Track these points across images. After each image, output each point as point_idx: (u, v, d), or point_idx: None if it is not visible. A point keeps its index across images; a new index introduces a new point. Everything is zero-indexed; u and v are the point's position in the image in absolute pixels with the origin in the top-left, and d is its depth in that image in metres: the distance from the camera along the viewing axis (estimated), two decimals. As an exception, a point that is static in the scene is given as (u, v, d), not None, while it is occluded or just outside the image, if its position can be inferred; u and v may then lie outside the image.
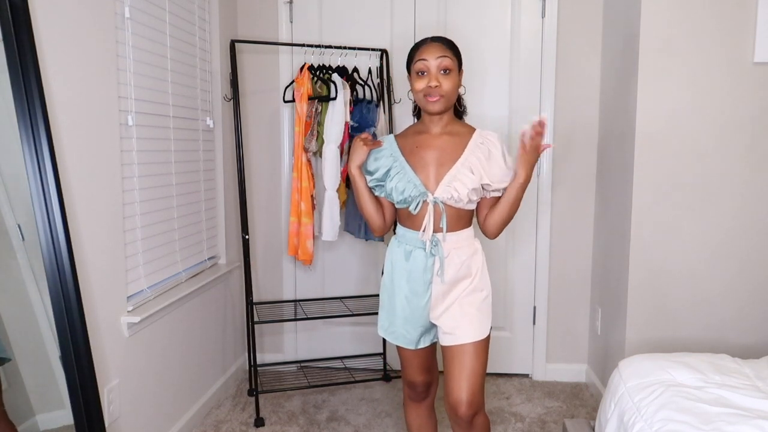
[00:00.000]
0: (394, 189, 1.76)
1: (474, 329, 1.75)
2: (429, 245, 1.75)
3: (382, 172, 1.80)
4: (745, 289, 2.44)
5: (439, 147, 1.77)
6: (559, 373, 3.11)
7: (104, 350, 1.91)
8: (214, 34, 2.79)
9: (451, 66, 1.71)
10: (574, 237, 3.03)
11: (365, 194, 1.85)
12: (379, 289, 1.93)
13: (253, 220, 3.14)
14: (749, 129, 2.37)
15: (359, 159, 1.81)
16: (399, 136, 1.86)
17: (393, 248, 1.87)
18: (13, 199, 1.65)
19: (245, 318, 3.15)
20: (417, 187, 1.74)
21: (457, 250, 1.78)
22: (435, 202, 1.74)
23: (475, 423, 1.77)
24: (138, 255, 2.13)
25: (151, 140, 2.22)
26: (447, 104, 1.74)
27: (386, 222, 1.91)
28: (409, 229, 1.81)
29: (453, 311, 1.77)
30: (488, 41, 2.97)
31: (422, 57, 1.72)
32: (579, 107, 2.96)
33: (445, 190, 1.72)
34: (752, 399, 1.59)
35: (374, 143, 1.83)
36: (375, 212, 1.87)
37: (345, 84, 2.77)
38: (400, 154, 1.80)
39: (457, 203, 1.74)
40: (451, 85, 1.71)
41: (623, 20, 2.58)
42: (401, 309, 1.83)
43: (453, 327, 1.76)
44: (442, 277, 1.76)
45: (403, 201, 1.77)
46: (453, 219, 1.77)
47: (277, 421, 2.65)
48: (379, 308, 1.92)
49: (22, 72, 1.52)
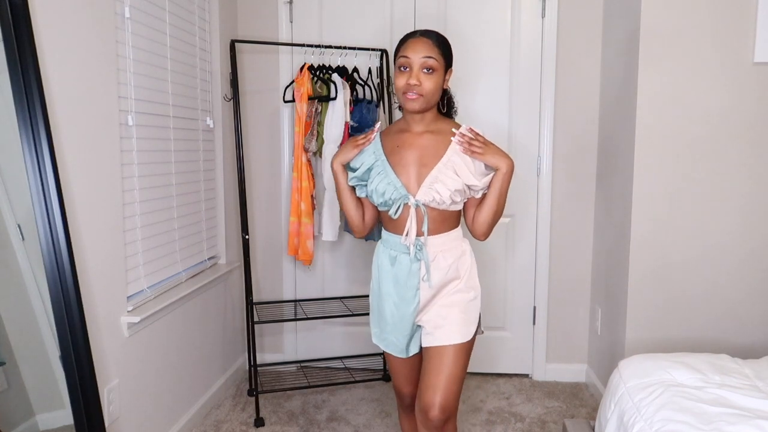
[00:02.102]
0: (375, 191, 1.70)
1: (455, 331, 1.69)
2: (413, 250, 1.68)
3: (364, 170, 1.73)
4: (745, 290, 2.44)
5: (420, 146, 1.70)
6: (559, 373, 3.11)
7: (104, 350, 1.91)
8: (214, 34, 2.79)
9: (435, 66, 1.63)
10: (574, 237, 3.03)
11: (345, 192, 1.80)
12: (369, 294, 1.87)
13: (253, 220, 3.14)
14: (749, 129, 2.37)
15: (345, 157, 1.76)
16: (384, 133, 1.79)
17: (379, 253, 1.81)
18: (13, 199, 1.65)
19: (245, 318, 3.15)
20: (398, 189, 1.67)
21: (444, 253, 1.72)
22: (417, 205, 1.67)
23: (445, 430, 1.70)
24: (138, 255, 2.13)
25: (151, 140, 2.22)
26: (426, 105, 1.66)
27: (365, 223, 1.85)
28: (393, 234, 1.75)
29: (436, 311, 1.72)
30: (488, 41, 2.97)
31: (406, 54, 1.64)
32: (579, 107, 2.96)
33: (427, 193, 1.65)
34: (752, 399, 1.59)
35: (365, 140, 1.75)
36: (355, 211, 1.82)
37: (345, 84, 2.77)
38: (382, 153, 1.73)
39: (439, 205, 1.67)
40: (433, 86, 1.64)
41: (623, 20, 2.58)
42: (390, 315, 1.77)
43: (434, 327, 1.71)
44: (429, 282, 1.70)
45: (383, 204, 1.70)
46: (437, 221, 1.70)
47: (277, 421, 2.65)
48: (370, 314, 1.87)
49: (22, 72, 1.52)
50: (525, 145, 3.00)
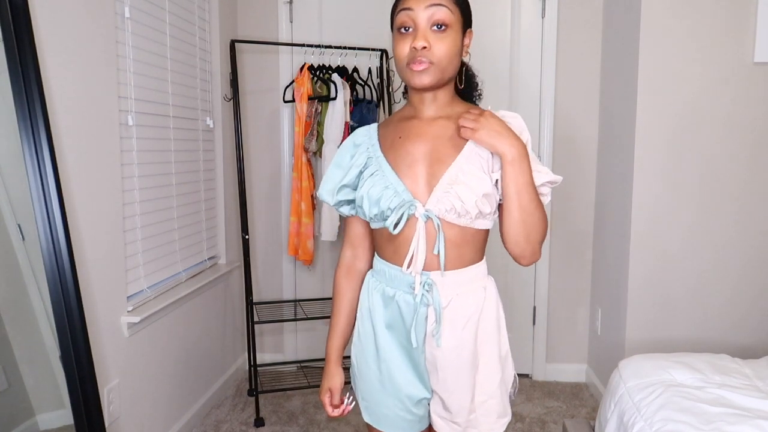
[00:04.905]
0: (366, 197, 1.19)
1: (492, 420, 1.23)
2: (419, 287, 1.17)
3: (355, 173, 1.24)
4: (745, 290, 2.44)
5: (433, 136, 1.20)
6: (559, 373, 3.11)
7: (104, 350, 1.91)
8: (214, 34, 2.79)
9: (448, 20, 1.14)
10: (574, 237, 3.03)
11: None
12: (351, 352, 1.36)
13: (253, 220, 3.14)
14: (749, 129, 2.37)
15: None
16: (383, 125, 1.31)
17: (369, 290, 1.29)
18: (13, 199, 1.65)
19: (245, 318, 3.15)
20: (399, 194, 1.17)
21: (463, 297, 1.20)
22: (428, 217, 1.16)
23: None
24: (138, 255, 2.13)
25: (151, 140, 2.22)
26: (440, 75, 1.16)
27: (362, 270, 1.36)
28: (389, 263, 1.23)
29: (459, 386, 1.22)
30: (488, 41, 2.97)
31: (407, 5, 1.15)
32: (579, 107, 2.96)
33: (443, 199, 1.15)
34: (752, 399, 1.59)
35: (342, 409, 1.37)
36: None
37: (345, 84, 2.77)
38: (378, 148, 1.24)
39: (461, 217, 1.16)
40: (447, 49, 1.14)
41: (623, 20, 2.58)
42: (397, 368, 1.26)
43: (457, 411, 1.23)
44: (437, 341, 1.19)
45: (378, 215, 1.19)
46: (457, 244, 1.18)
47: (277, 421, 2.65)
48: (353, 384, 1.39)
49: (22, 72, 1.52)
50: (525, 145, 3.00)
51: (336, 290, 1.37)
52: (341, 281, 1.36)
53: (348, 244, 1.36)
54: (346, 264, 1.36)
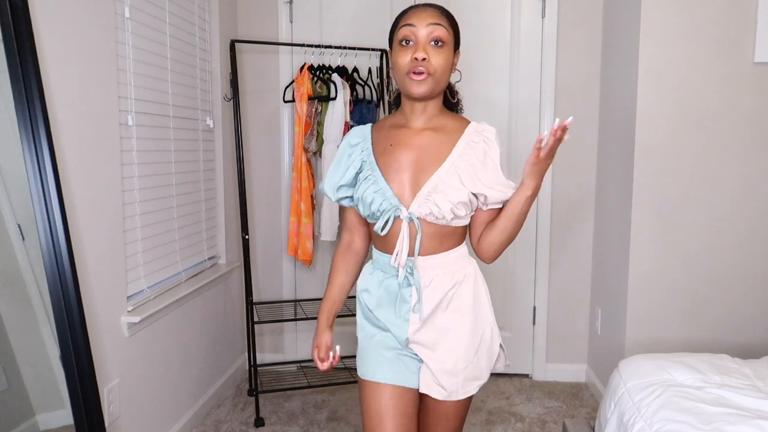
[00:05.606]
0: (361, 200, 1.41)
1: (460, 384, 1.41)
2: (402, 273, 1.39)
3: (352, 173, 1.44)
4: (745, 290, 2.44)
5: (419, 146, 1.38)
6: (559, 373, 3.11)
7: (104, 350, 1.91)
8: (214, 34, 2.79)
9: (444, 38, 1.34)
10: (574, 237, 3.03)
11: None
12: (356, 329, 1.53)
13: (253, 220, 3.14)
14: (749, 129, 2.37)
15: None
16: (375, 128, 1.48)
17: (366, 276, 1.50)
18: (13, 199, 1.65)
19: (245, 318, 3.15)
20: (388, 199, 1.37)
21: (441, 278, 1.40)
22: (410, 219, 1.36)
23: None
24: (138, 255, 2.13)
25: (151, 140, 2.22)
26: (435, 86, 1.35)
27: (362, 250, 1.58)
28: (382, 253, 1.45)
29: (441, 353, 1.42)
30: (488, 41, 2.97)
31: (409, 22, 1.34)
32: (579, 107, 2.96)
33: (423, 205, 1.35)
34: (752, 399, 1.59)
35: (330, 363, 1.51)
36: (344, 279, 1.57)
37: (345, 84, 2.77)
38: (371, 153, 1.43)
39: (438, 220, 1.37)
40: (443, 62, 1.34)
41: (623, 20, 2.58)
42: (386, 321, 1.45)
43: (433, 372, 1.41)
44: (420, 314, 1.39)
45: (371, 216, 1.41)
46: (434, 239, 1.39)
47: (277, 421, 2.65)
48: (358, 359, 1.50)
49: (22, 72, 1.52)
50: (525, 145, 3.00)
51: (333, 265, 1.58)
52: (338, 257, 1.58)
53: (346, 229, 1.58)
54: (345, 244, 1.58)
